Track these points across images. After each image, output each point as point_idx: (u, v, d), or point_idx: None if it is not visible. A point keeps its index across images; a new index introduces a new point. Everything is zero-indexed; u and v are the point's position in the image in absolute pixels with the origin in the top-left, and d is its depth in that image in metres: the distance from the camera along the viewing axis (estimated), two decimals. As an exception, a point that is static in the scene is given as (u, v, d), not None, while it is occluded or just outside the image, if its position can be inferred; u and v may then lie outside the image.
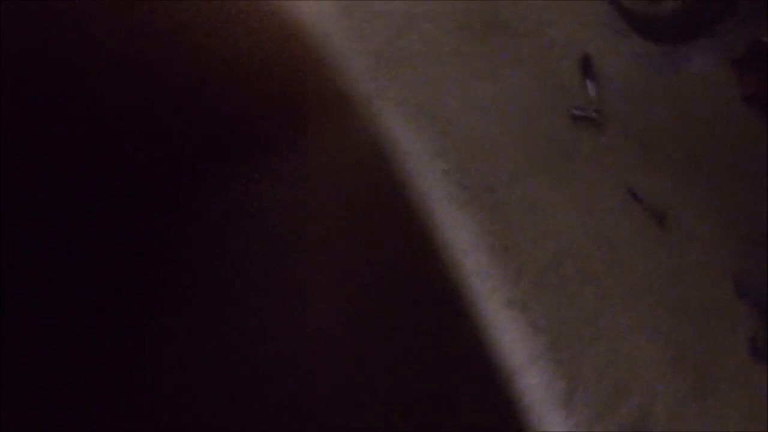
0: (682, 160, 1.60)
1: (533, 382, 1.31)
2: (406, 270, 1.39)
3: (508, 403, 1.28)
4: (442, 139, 1.63)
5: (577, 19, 1.78)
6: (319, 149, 1.22)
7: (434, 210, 1.54)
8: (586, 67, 1.68)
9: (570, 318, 1.37)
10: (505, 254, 1.48)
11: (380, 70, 1.59)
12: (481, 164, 1.61)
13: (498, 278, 1.45)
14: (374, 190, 1.47)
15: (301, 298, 0.80)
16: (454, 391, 1.24)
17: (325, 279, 0.82)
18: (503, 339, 1.37)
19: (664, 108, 1.66)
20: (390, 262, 1.34)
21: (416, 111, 1.58)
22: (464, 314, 1.42)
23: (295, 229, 1.03)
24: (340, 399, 1.02)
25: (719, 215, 1.52)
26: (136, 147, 0.84)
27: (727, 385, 1.34)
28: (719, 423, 1.31)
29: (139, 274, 0.83)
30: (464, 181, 1.58)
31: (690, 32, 1.71)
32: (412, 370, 1.13)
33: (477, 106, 1.67)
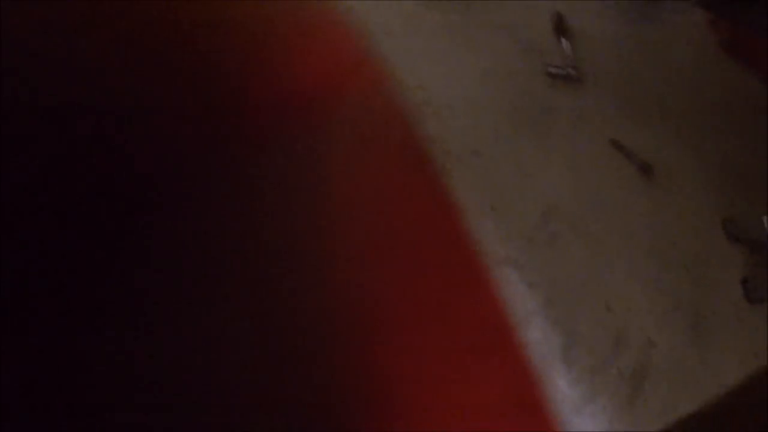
0: (662, 110, 1.60)
1: (531, 338, 1.30)
2: (394, 238, 1.37)
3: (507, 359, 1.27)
4: (421, 107, 1.62)
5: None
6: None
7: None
8: (559, 25, 1.67)
9: (563, 273, 1.36)
10: (494, 214, 1.47)
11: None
12: (463, 128, 1.59)
13: (488, 238, 1.44)
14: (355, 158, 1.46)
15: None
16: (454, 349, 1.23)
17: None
18: (498, 298, 1.36)
19: (640, 59, 1.65)
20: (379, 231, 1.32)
21: (392, 83, 1.57)
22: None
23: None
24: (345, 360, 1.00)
25: (704, 162, 1.52)
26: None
27: (725, 329, 1.34)
28: (720, 367, 1.31)
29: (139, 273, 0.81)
30: (446, 146, 1.57)
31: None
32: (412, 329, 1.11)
33: (455, 73, 1.66)
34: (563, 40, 1.66)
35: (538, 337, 1.30)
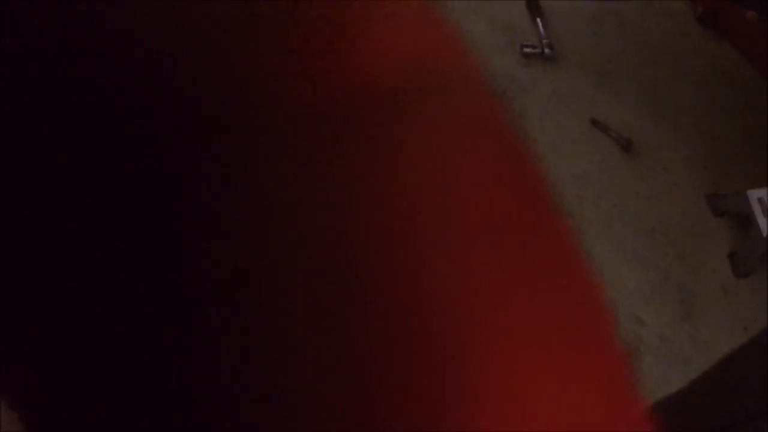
0: (642, 87, 1.58)
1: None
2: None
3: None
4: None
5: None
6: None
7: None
8: (533, 3, 1.64)
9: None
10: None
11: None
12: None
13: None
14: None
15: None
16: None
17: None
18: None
19: (617, 36, 1.63)
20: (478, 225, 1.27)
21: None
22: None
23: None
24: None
25: (685, 138, 1.51)
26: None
27: (713, 304, 1.33)
28: (709, 341, 1.29)
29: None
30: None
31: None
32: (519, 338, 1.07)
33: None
34: (537, 19, 1.63)
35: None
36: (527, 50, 1.60)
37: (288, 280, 0.21)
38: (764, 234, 1.30)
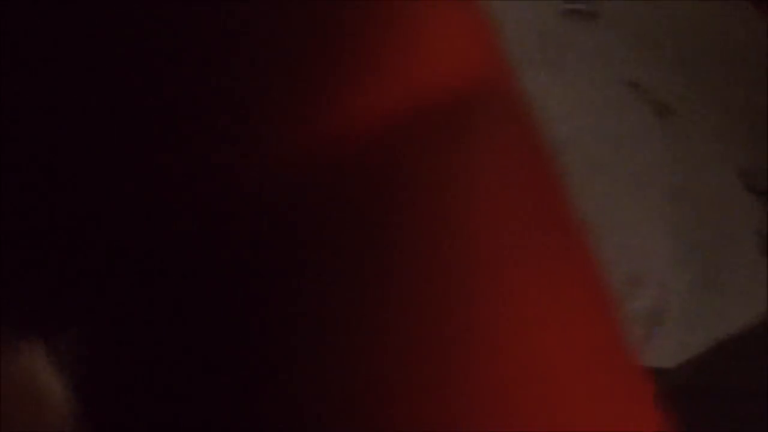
0: (683, 52, 1.53)
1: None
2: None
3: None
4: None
5: None
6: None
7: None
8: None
9: (579, 209, 1.29)
10: (507, 146, 1.40)
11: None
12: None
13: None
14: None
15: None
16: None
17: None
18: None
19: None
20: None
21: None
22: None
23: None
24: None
25: (724, 109, 1.47)
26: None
27: (737, 279, 1.30)
28: (730, 315, 1.27)
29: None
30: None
31: None
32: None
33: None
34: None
35: (551, 272, 1.24)
36: (566, 6, 1.55)
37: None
38: (795, 215, 1.26)
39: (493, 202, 0.22)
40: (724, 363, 1.09)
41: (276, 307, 0.21)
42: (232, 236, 0.21)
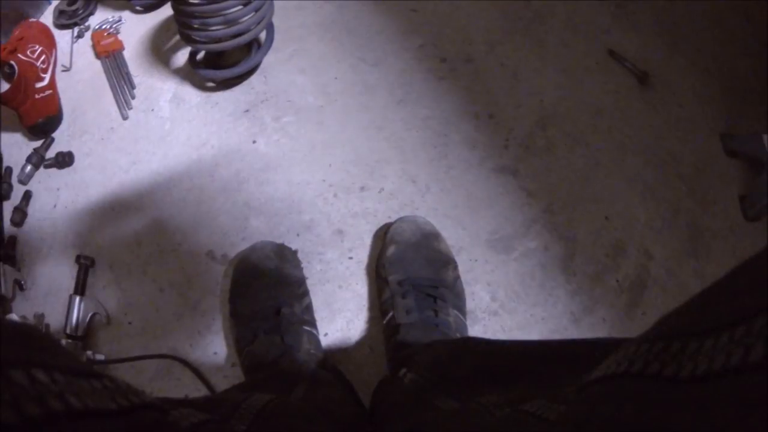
0: (660, 20, 1.54)
1: (531, 246, 1.25)
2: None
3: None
4: (411, 16, 1.55)
5: None
6: None
7: (414, 84, 1.46)
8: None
9: (562, 181, 1.31)
10: (491, 121, 1.40)
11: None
12: (455, 36, 1.52)
13: (486, 145, 1.38)
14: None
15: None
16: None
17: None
18: (497, 205, 1.30)
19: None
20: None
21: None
22: (456, 183, 1.35)
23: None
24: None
25: (703, 75, 1.47)
26: None
27: (721, 244, 1.31)
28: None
29: None
30: (441, 54, 1.50)
31: None
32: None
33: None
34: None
35: (538, 245, 1.25)
36: (545, -24, 1.54)
37: None
38: (776, 180, 1.27)
39: None
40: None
41: None
42: None
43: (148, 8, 1.73)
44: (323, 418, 0.71)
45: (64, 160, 1.45)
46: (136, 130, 1.50)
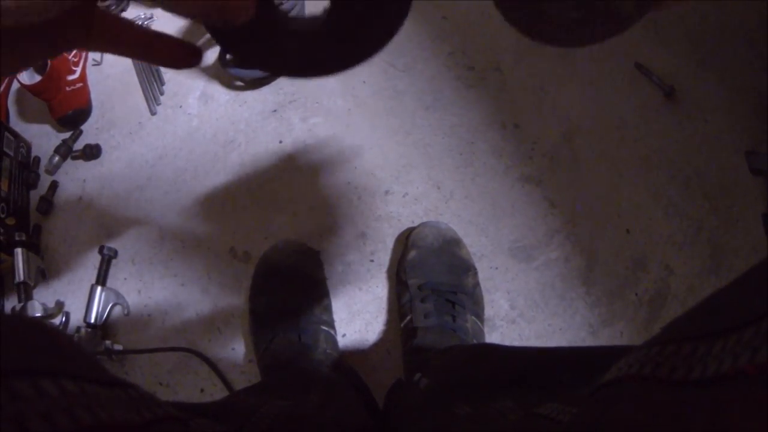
0: (689, 35, 1.53)
1: (553, 256, 1.25)
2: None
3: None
4: (442, 23, 1.56)
5: None
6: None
7: (443, 91, 1.47)
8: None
9: (586, 193, 1.31)
10: (517, 131, 1.41)
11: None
12: (485, 45, 1.52)
13: (511, 155, 1.38)
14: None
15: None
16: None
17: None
18: (520, 214, 1.30)
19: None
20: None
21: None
22: (481, 190, 1.35)
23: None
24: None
25: (730, 92, 1.47)
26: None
27: (742, 262, 1.31)
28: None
29: None
30: (469, 62, 1.50)
31: None
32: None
33: (473, -12, 1.58)
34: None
35: (559, 257, 1.25)
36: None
37: None
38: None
39: None
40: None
41: None
42: None
43: (251, 84, 1.56)
44: (337, 429, 0.72)
45: (92, 152, 1.47)
46: (163, 125, 1.52)
